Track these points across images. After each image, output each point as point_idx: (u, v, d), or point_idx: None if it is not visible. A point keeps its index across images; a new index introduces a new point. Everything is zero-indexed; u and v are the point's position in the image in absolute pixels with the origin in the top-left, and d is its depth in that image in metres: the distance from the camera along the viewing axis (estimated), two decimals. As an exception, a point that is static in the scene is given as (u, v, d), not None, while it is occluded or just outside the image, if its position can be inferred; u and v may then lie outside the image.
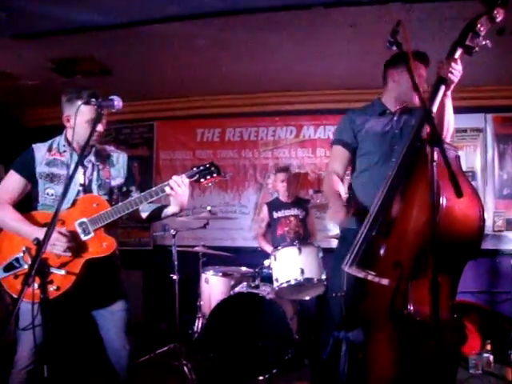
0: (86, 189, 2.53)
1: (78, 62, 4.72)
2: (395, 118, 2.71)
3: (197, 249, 4.66)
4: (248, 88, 5.58)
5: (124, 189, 2.66)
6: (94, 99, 2.30)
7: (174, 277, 4.42)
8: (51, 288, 2.20)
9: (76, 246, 2.37)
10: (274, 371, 3.85)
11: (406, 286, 2.05)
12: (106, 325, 2.53)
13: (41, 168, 2.50)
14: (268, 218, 4.91)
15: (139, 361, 3.98)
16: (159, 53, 4.55)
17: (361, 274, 2.17)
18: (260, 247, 4.93)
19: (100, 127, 2.44)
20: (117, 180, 2.63)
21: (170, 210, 2.60)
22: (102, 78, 5.00)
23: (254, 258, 4.78)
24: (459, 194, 1.59)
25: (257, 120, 5.89)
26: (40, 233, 2.26)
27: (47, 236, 1.88)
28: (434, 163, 1.74)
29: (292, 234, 4.68)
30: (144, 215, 2.68)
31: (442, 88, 2.22)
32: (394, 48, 2.11)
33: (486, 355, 4.01)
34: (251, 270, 4.49)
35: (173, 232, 4.51)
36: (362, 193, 2.66)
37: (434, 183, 1.74)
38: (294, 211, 4.78)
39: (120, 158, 2.69)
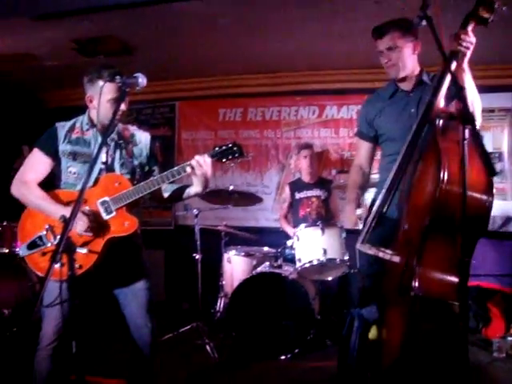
0: (108, 167, 2.52)
1: (100, 41, 4.71)
2: (410, 96, 2.64)
3: (219, 228, 4.67)
4: (270, 67, 5.53)
5: (146, 168, 2.65)
6: (118, 77, 2.28)
7: (197, 256, 4.44)
8: (75, 266, 2.19)
9: (98, 225, 2.37)
10: (296, 351, 3.87)
11: (415, 262, 2.02)
12: (128, 303, 2.54)
13: (64, 146, 2.50)
14: (290, 198, 4.88)
15: (162, 339, 4.04)
16: (181, 32, 4.51)
17: (372, 252, 2.15)
18: (282, 228, 4.92)
19: (123, 106, 2.41)
20: (139, 159, 2.61)
21: (193, 190, 2.57)
22: (123, 58, 4.98)
23: (276, 238, 4.78)
24: (492, 172, 1.54)
25: (279, 100, 5.83)
26: (63, 211, 2.29)
27: (74, 214, 1.88)
28: (465, 141, 1.69)
29: (314, 215, 4.65)
30: (166, 195, 2.66)
31: (454, 62, 2.15)
32: (424, 23, 2.05)
33: (510, 339, 3.96)
34: (273, 250, 4.49)
35: (195, 212, 4.52)
36: (387, 176, 2.61)
37: (465, 162, 1.69)
38: (316, 192, 4.74)
39: (143, 138, 2.67)
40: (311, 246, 3.95)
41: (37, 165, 2.51)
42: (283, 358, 3.87)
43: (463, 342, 1.84)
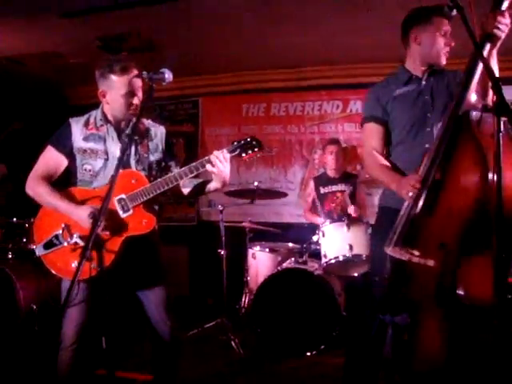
0: (124, 164, 2.41)
1: (123, 38, 4.74)
2: (423, 83, 2.52)
3: (244, 224, 4.66)
4: (293, 62, 5.50)
5: (163, 164, 2.58)
6: (145, 72, 2.24)
7: (222, 252, 4.44)
8: (91, 266, 2.14)
9: (115, 223, 2.32)
10: (322, 347, 3.85)
11: (454, 267, 1.94)
12: (147, 302, 2.50)
13: (78, 143, 2.45)
14: (314, 193, 4.84)
15: (187, 335, 4.06)
16: (204, 28, 4.51)
17: (404, 257, 2.05)
18: (308, 221, 4.87)
19: (136, 100, 2.39)
20: (155, 155, 2.55)
21: (213, 185, 2.51)
22: (147, 54, 5.00)
23: (300, 233, 4.74)
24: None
25: (302, 94, 5.80)
26: (78, 210, 2.29)
27: (102, 211, 1.87)
28: (501, 134, 1.64)
29: (339, 211, 4.60)
30: (185, 191, 2.59)
31: (487, 46, 2.05)
32: (454, 13, 1.98)
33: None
34: (298, 246, 4.47)
35: (220, 208, 4.52)
36: (399, 167, 2.52)
37: (500, 156, 1.64)
38: (341, 187, 4.68)
39: (158, 132, 2.60)
40: (337, 241, 3.91)
41: (50, 163, 2.47)
42: (309, 354, 3.85)
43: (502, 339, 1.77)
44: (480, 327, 1.82)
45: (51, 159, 2.47)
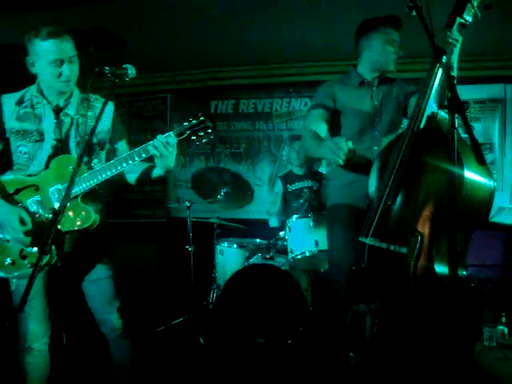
0: (63, 147, 2.23)
1: (91, 34, 4.68)
2: (374, 89, 2.69)
3: (211, 220, 4.66)
4: (262, 59, 5.51)
5: (107, 146, 2.35)
6: (107, 67, 2.08)
7: (190, 248, 4.44)
8: (26, 262, 2.07)
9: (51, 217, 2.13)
10: (289, 342, 3.88)
11: (427, 252, 2.05)
12: (91, 294, 2.35)
13: (11, 123, 2.22)
14: (282, 191, 4.87)
15: (155, 331, 4.05)
16: (173, 24, 4.49)
17: (379, 244, 2.14)
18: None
19: (67, 70, 2.16)
20: (99, 136, 2.29)
21: (156, 171, 2.30)
22: (115, 51, 4.95)
23: (268, 229, 4.77)
24: (482, 161, 1.55)
25: (271, 91, 5.83)
26: (7, 211, 2.11)
27: (63, 206, 1.80)
28: (455, 130, 1.69)
29: (306, 206, 4.64)
30: (132, 179, 2.38)
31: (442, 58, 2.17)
32: (414, 14, 2.04)
33: (500, 327, 4.00)
34: (266, 242, 4.50)
35: (187, 204, 4.51)
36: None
37: (455, 151, 1.69)
38: (307, 183, 4.73)
39: (105, 109, 2.17)
40: (303, 237, 3.96)
41: None
42: (276, 349, 3.88)
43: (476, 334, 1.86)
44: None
45: None
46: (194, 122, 2.15)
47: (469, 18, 2.20)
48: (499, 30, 4.21)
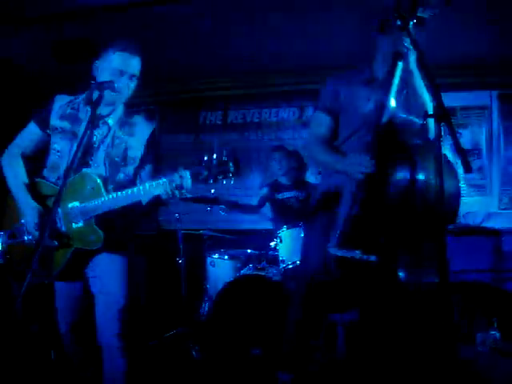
0: (90, 153, 2.26)
1: (76, 46, 4.66)
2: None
3: (202, 232, 4.65)
4: (250, 69, 5.53)
5: (137, 164, 2.33)
6: (93, 81, 2.19)
7: (180, 260, 4.42)
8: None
9: (64, 232, 2.19)
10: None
11: (394, 257, 2.06)
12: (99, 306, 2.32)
13: (54, 120, 2.30)
14: (268, 196, 4.84)
15: (147, 345, 4.01)
16: (160, 35, 4.49)
17: (348, 254, 2.13)
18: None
19: (123, 82, 2.24)
20: (129, 152, 2.31)
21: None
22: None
23: (260, 240, 4.76)
24: (468, 169, 1.56)
25: (260, 101, 5.85)
26: (29, 211, 2.17)
27: (51, 217, 1.84)
28: (441, 139, 1.70)
29: (295, 216, 4.63)
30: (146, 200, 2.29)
31: (400, 63, 2.23)
32: (398, 22, 2.09)
33: (493, 333, 4.01)
34: (257, 252, 4.49)
35: (177, 216, 4.50)
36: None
37: (442, 160, 1.71)
38: (293, 193, 4.72)
39: (144, 129, 2.36)
40: (294, 246, 3.95)
41: (27, 138, 2.36)
42: (269, 360, 3.86)
43: (452, 336, 1.85)
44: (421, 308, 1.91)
45: (29, 134, 2.37)
46: (214, 162, 2.01)
47: (424, 15, 2.16)
48: (484, 38, 4.27)
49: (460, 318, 4.33)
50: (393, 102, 2.25)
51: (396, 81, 2.21)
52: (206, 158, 2.02)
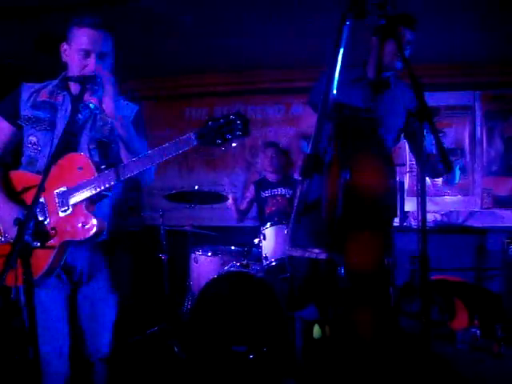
0: (73, 140, 2.05)
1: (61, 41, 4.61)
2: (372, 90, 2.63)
3: (185, 228, 4.63)
4: (236, 66, 5.52)
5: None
6: (74, 75, 2.05)
7: (163, 257, 4.40)
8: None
9: (53, 224, 1.95)
10: (264, 349, 3.87)
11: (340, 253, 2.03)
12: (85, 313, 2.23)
13: (25, 110, 2.08)
14: (254, 197, 4.87)
15: (130, 342, 3.99)
16: (145, 31, 4.46)
17: (298, 253, 2.15)
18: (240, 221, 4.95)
19: (92, 63, 2.02)
20: (115, 134, 2.12)
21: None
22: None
23: (243, 236, 4.76)
24: (449, 168, 1.57)
25: (245, 98, 5.84)
26: (5, 207, 1.98)
27: (29, 215, 1.64)
28: (422, 139, 1.71)
29: (279, 214, 4.65)
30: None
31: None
32: (383, 22, 2.10)
33: (473, 330, 4.05)
34: (241, 249, 4.48)
35: (160, 212, 4.48)
36: None
37: (425, 159, 1.72)
38: (281, 191, 4.74)
39: (127, 109, 2.24)
40: (277, 243, 3.96)
41: None
42: (251, 356, 3.87)
43: (426, 334, 1.86)
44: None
45: None
46: (221, 121, 1.88)
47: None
48: (469, 38, 4.30)
49: (442, 316, 4.38)
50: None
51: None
52: (210, 122, 1.90)
